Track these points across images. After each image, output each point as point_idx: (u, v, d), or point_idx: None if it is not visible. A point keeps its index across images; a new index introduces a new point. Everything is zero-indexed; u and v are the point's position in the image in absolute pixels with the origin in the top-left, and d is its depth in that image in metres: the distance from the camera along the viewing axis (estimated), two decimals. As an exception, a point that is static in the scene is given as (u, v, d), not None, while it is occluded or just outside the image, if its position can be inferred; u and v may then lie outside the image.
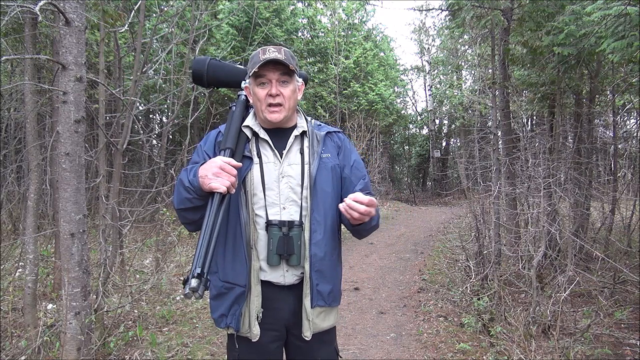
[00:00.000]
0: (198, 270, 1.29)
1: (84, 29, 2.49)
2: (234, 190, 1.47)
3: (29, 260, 3.54)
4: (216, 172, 1.42)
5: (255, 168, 1.62)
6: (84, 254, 2.61)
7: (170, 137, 11.33)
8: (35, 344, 2.99)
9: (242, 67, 1.80)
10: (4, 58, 2.78)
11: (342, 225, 1.76)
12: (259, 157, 1.63)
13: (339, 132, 1.78)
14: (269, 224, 1.59)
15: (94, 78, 4.00)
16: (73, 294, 2.57)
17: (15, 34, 4.72)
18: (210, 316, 4.49)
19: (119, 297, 4.19)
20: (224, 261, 1.61)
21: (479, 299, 4.38)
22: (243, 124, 1.64)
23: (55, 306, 4.13)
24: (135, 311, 4.27)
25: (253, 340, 1.61)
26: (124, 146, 3.97)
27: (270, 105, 1.58)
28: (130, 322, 4.04)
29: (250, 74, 1.59)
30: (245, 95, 1.71)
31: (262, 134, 1.64)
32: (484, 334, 3.89)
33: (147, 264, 6.05)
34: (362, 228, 1.62)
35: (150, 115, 12.40)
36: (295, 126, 1.70)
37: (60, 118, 2.49)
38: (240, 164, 1.50)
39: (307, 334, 1.63)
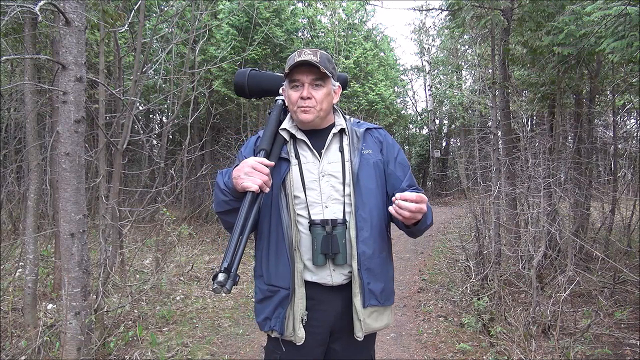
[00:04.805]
0: (225, 265, 1.30)
1: (84, 29, 2.48)
2: (268, 190, 1.48)
3: (29, 260, 3.54)
4: (248, 172, 1.44)
5: (294, 169, 1.61)
6: (84, 254, 2.61)
7: (170, 137, 11.34)
8: (35, 344, 2.99)
9: (281, 74, 1.83)
10: (4, 58, 2.78)
11: (391, 223, 1.72)
12: (297, 157, 1.63)
13: (379, 128, 1.77)
14: (312, 224, 1.57)
15: (94, 78, 4.00)
16: (73, 294, 2.57)
17: (15, 34, 4.72)
18: (210, 316, 4.51)
19: (119, 297, 4.19)
20: (267, 264, 1.61)
21: (479, 299, 4.37)
22: (280, 127, 1.64)
23: (55, 306, 4.13)
24: (135, 311, 4.27)
25: (298, 344, 1.58)
26: (124, 146, 3.97)
27: (300, 107, 1.58)
28: (130, 322, 4.04)
29: (285, 75, 1.60)
30: (283, 100, 1.71)
31: (300, 135, 1.64)
32: (484, 334, 3.89)
33: (147, 264, 6.05)
34: (418, 228, 1.57)
35: (150, 115, 12.40)
36: (333, 125, 1.68)
37: (60, 118, 2.49)
38: (273, 163, 1.51)
39: (359, 335, 1.59)
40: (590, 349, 3.43)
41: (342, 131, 1.67)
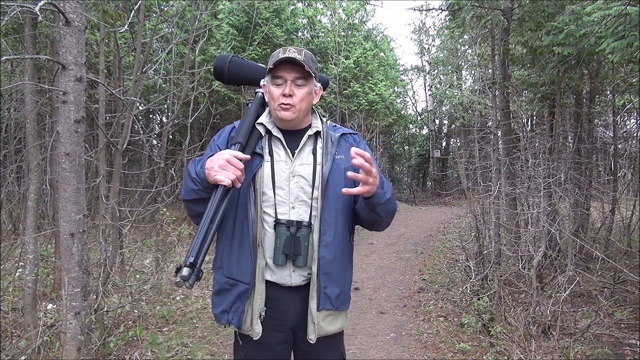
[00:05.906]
0: (191, 260, 1.31)
1: (84, 29, 2.48)
2: (240, 185, 1.47)
3: (29, 260, 3.54)
4: (222, 165, 1.42)
5: (266, 166, 1.61)
6: (84, 254, 2.61)
7: (170, 137, 11.33)
8: (35, 344, 2.99)
9: (264, 65, 1.80)
10: (4, 58, 2.78)
11: (354, 227, 1.72)
12: (271, 155, 1.63)
13: (354, 133, 1.77)
14: (277, 223, 1.58)
15: (94, 78, 4.00)
16: (73, 294, 2.57)
17: (15, 34, 4.71)
18: (210, 316, 4.51)
19: (119, 297, 4.19)
20: (229, 257, 1.61)
21: (479, 299, 4.37)
22: (257, 121, 1.64)
23: (55, 306, 4.13)
24: (135, 311, 4.27)
25: (255, 339, 1.60)
26: (124, 146, 3.97)
27: (282, 104, 1.57)
28: (130, 322, 4.04)
29: (267, 71, 1.60)
30: (263, 93, 1.71)
31: (275, 132, 1.64)
32: (484, 334, 3.89)
33: (147, 264, 6.05)
34: (377, 202, 1.52)
35: (150, 115, 12.39)
36: (309, 127, 1.68)
37: (60, 118, 2.48)
38: (248, 157, 1.50)
39: (312, 337, 1.60)
40: (590, 349, 3.43)
41: (317, 134, 1.67)
